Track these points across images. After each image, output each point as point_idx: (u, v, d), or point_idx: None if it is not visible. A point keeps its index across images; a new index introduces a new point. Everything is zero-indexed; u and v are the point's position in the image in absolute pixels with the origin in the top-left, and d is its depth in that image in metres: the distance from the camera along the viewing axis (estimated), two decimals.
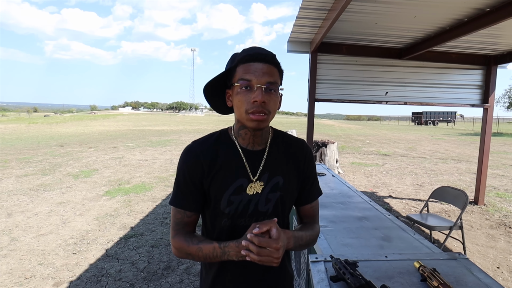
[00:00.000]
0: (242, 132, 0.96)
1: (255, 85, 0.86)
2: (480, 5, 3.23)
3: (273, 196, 0.96)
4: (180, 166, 0.96)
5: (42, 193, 5.59)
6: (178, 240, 0.95)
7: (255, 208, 0.95)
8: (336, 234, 1.77)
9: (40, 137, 15.89)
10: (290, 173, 1.00)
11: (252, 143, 0.97)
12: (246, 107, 0.87)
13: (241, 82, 0.87)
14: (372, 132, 25.73)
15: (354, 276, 1.02)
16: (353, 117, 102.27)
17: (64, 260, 3.20)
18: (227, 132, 1.00)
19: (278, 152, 1.00)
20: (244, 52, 0.90)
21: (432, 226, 3.12)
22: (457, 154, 12.21)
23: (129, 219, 4.41)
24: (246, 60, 0.87)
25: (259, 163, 0.96)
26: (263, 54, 0.88)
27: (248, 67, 0.87)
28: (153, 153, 10.85)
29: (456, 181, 7.35)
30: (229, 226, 0.95)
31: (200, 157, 0.93)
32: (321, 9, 3.41)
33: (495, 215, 4.85)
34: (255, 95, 0.85)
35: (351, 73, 4.94)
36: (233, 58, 0.93)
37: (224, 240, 0.92)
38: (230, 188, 0.93)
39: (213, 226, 0.98)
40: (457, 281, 1.09)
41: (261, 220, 0.95)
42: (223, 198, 0.93)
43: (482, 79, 5.25)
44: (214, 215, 0.96)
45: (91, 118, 38.84)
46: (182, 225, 0.96)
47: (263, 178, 0.96)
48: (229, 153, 0.96)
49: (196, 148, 0.95)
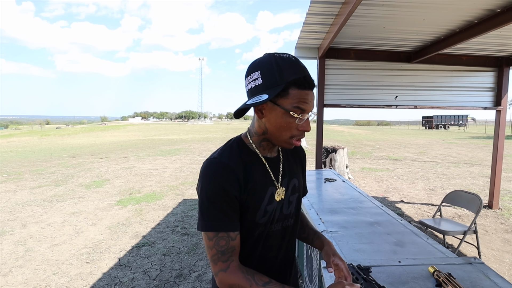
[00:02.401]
0: (264, 144, 0.94)
1: (306, 115, 0.85)
2: (491, 6, 3.19)
3: (293, 198, 1.00)
4: (214, 183, 0.84)
5: (56, 204, 5.68)
6: (235, 277, 0.82)
7: (281, 213, 0.96)
8: (348, 239, 1.75)
9: (53, 149, 16.20)
10: (299, 173, 1.07)
11: (270, 152, 0.98)
12: (293, 133, 0.86)
13: (295, 111, 0.82)
14: (382, 137, 25.47)
15: (367, 282, 1.01)
16: (362, 123, 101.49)
17: (78, 270, 3.23)
18: (243, 142, 0.95)
19: (288, 156, 1.04)
20: (297, 72, 0.82)
21: (446, 231, 3.06)
22: (469, 157, 11.97)
23: (140, 227, 4.44)
24: (304, 86, 0.82)
25: (278, 169, 0.98)
26: (313, 82, 0.85)
27: (306, 97, 0.83)
28: (163, 162, 10.94)
29: (469, 185, 7.20)
30: (264, 234, 0.93)
31: (236, 171, 0.86)
32: (328, 14, 3.43)
33: (510, 219, 4.73)
34: (305, 125, 0.86)
35: (360, 78, 4.92)
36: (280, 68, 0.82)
37: (258, 248, 0.92)
38: (265, 198, 0.91)
39: (245, 236, 0.92)
40: (473, 286, 1.07)
41: (287, 223, 0.99)
42: (260, 210, 0.90)
43: (494, 81, 5.18)
44: (247, 227, 0.91)
45: (102, 129, 39.46)
46: (230, 252, 0.84)
47: (284, 183, 0.98)
48: (256, 164, 0.93)
49: (226, 162, 0.87)
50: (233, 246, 0.84)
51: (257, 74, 0.83)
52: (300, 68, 0.82)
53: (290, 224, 0.99)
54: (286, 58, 0.83)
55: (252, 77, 0.85)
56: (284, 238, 0.99)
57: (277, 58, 0.82)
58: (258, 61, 0.85)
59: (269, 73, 0.82)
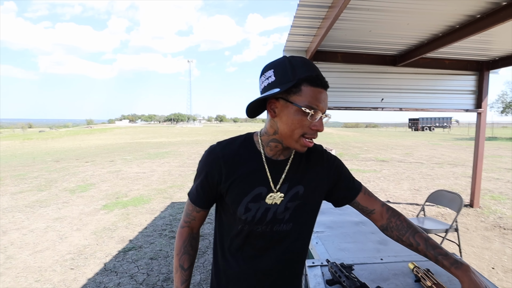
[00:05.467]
0: (273, 144, 0.94)
1: (320, 114, 0.85)
2: (471, 12, 3.30)
3: (292, 204, 0.95)
4: (200, 165, 0.97)
5: (38, 210, 5.55)
6: (178, 239, 1.05)
7: (273, 216, 0.94)
8: (333, 239, 1.78)
9: (35, 153, 15.82)
10: (311, 182, 0.99)
11: (277, 154, 0.96)
12: (304, 131, 0.86)
13: (308, 108, 0.83)
14: (370, 139, 25.84)
15: (349, 279, 1.03)
16: (351, 125, 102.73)
17: (62, 276, 3.16)
18: (252, 138, 0.98)
19: (300, 162, 0.99)
20: (309, 70, 0.84)
21: (429, 229, 3.13)
22: (453, 158, 12.27)
23: (127, 232, 4.38)
24: (317, 84, 0.83)
25: (281, 173, 0.95)
26: (326, 82, 0.86)
27: (319, 95, 0.84)
28: (151, 165, 10.83)
29: (452, 185, 7.38)
30: (246, 230, 0.95)
31: (221, 160, 0.93)
32: (315, 17, 3.47)
33: (490, 217, 4.87)
34: (318, 124, 0.86)
35: (347, 81, 5.00)
36: (292, 66, 0.85)
37: (238, 243, 0.97)
38: (248, 195, 0.92)
39: (230, 228, 0.98)
40: (450, 280, 1.11)
41: (279, 228, 0.95)
42: (241, 205, 0.92)
43: (475, 85, 5.33)
44: (232, 219, 0.97)
45: (88, 132, 38.79)
46: (191, 218, 1.03)
47: (282, 188, 0.95)
48: (252, 160, 0.94)
49: (218, 151, 0.95)
50: (195, 216, 1.02)
51: (270, 73, 0.87)
52: (313, 67, 0.86)
53: (283, 229, 0.96)
54: (299, 58, 0.87)
55: (265, 75, 0.88)
56: (275, 242, 0.97)
57: (290, 58, 0.86)
58: (272, 62, 0.89)
59: (282, 71, 0.84)
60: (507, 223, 4.61)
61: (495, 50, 4.63)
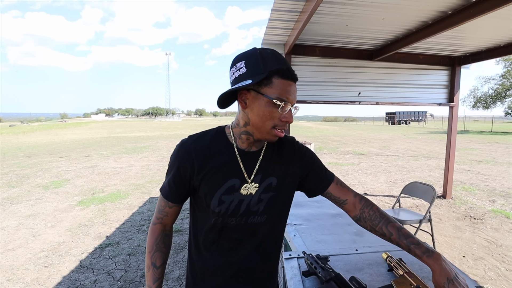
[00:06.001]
0: (244, 137, 0.95)
1: (289, 106, 0.87)
2: (443, 8, 3.40)
3: (266, 196, 0.97)
4: (172, 160, 0.96)
5: (9, 207, 5.32)
6: (150, 236, 1.03)
7: (247, 208, 0.95)
8: (311, 231, 1.80)
9: (6, 148, 15.12)
10: (284, 173, 1.00)
11: (249, 146, 0.97)
12: (275, 123, 0.88)
13: (278, 100, 0.84)
14: (349, 132, 26.33)
15: (324, 270, 1.05)
16: (330, 119, 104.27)
17: (35, 275, 3.06)
18: (224, 131, 0.99)
19: (272, 153, 1.00)
20: (280, 62, 0.86)
21: (404, 221, 3.23)
22: (427, 151, 12.71)
23: (104, 228, 4.28)
24: (287, 76, 0.85)
25: (254, 165, 0.96)
26: (296, 75, 0.88)
27: (289, 87, 0.86)
28: (129, 160, 10.59)
29: (427, 177, 7.65)
30: (220, 223, 0.95)
31: (193, 154, 0.93)
32: (293, 11, 3.47)
33: (461, 208, 5.09)
34: (288, 115, 0.88)
35: (325, 75, 5.04)
36: (263, 59, 0.85)
37: (213, 236, 0.97)
38: (222, 187, 0.92)
39: (204, 222, 0.98)
40: (421, 269, 1.15)
41: (253, 220, 0.96)
42: (214, 197, 0.92)
43: (448, 79, 5.51)
44: (205, 213, 0.96)
45: (62, 126, 37.41)
46: (164, 214, 1.01)
47: (256, 179, 0.96)
48: (224, 153, 0.95)
49: (190, 144, 0.94)
50: (167, 212, 1.01)
51: (241, 64, 0.87)
52: (283, 60, 0.87)
53: (258, 221, 0.97)
54: (269, 50, 0.88)
55: (236, 67, 0.88)
56: (250, 234, 0.97)
57: (261, 50, 0.87)
58: (243, 53, 0.89)
59: (253, 62, 0.85)
60: (477, 213, 4.83)
61: (466, 46, 4.80)
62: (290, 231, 1.80)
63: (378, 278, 1.09)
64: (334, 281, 0.99)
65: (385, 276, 1.10)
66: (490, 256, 3.40)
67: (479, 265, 3.21)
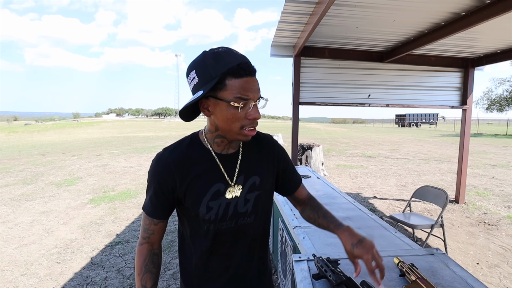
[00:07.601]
0: (218, 140, 0.94)
1: (251, 102, 0.84)
2: (456, 10, 3.35)
3: (251, 196, 0.97)
4: (150, 175, 0.94)
5: (24, 203, 5.44)
6: (138, 257, 0.99)
7: (234, 210, 0.95)
8: (320, 234, 1.80)
9: (21, 146, 15.47)
10: (265, 171, 1.02)
11: (226, 148, 0.96)
12: (241, 123, 0.85)
13: (237, 101, 0.81)
14: (357, 134, 26.11)
15: (335, 273, 1.05)
16: (338, 120, 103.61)
17: (48, 270, 3.13)
18: (198, 138, 0.98)
19: (250, 152, 1.00)
20: (230, 61, 0.81)
21: (415, 225, 3.19)
22: (439, 154, 12.51)
23: (114, 226, 4.34)
24: (240, 74, 0.81)
25: (234, 166, 0.96)
26: (252, 66, 0.83)
27: (245, 84, 0.81)
28: (139, 159, 10.72)
29: (438, 181, 7.54)
30: (212, 230, 0.95)
31: (171, 166, 0.91)
32: (303, 13, 3.47)
33: (475, 213, 5.00)
34: (253, 112, 0.85)
35: (334, 77, 5.02)
36: (212, 62, 0.81)
37: (207, 243, 0.95)
38: (207, 194, 0.92)
39: (196, 232, 0.97)
40: (433, 275, 1.14)
41: (243, 221, 0.97)
42: (202, 205, 0.91)
43: (461, 81, 5.43)
44: (195, 222, 0.96)
45: (74, 125, 38.04)
46: (150, 233, 0.98)
47: (239, 180, 0.96)
48: (203, 160, 0.94)
49: (167, 156, 0.92)
50: (153, 229, 0.97)
51: (193, 74, 0.84)
52: (234, 57, 0.82)
53: (248, 222, 0.98)
54: (218, 51, 0.83)
55: (190, 77, 0.86)
56: (241, 235, 0.98)
57: (209, 54, 0.83)
58: (193, 61, 0.86)
59: (202, 70, 0.82)
60: (491, 219, 4.73)
61: (480, 47, 4.72)
62: (299, 233, 1.80)
63: (389, 283, 1.09)
64: (345, 284, 0.99)
65: (396, 282, 1.09)
66: (505, 263, 3.31)
67: (494, 273, 3.13)
